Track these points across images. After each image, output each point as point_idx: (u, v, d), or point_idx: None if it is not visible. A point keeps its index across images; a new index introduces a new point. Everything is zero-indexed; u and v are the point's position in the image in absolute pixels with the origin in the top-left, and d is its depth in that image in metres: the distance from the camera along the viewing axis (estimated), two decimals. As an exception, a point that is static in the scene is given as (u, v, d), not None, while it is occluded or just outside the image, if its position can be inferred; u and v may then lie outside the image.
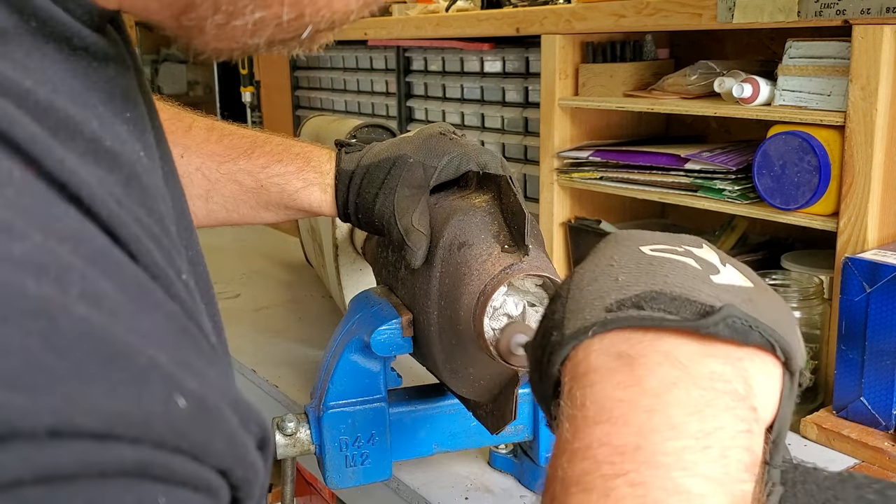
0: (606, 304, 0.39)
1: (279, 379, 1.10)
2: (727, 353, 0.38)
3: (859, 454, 0.88)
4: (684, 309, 0.38)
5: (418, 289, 0.74)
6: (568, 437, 0.37)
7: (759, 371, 0.39)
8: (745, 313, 0.38)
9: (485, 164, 0.77)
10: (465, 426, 0.84)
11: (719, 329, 0.37)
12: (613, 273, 0.41)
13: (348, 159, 0.80)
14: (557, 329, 0.41)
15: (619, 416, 0.36)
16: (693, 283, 0.40)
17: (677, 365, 0.37)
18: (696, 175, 1.09)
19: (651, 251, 0.43)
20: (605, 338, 0.39)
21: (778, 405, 0.39)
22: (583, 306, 0.40)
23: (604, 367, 0.38)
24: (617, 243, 0.44)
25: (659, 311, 0.38)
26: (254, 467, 0.31)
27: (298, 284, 1.49)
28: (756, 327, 0.38)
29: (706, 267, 0.42)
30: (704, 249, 0.44)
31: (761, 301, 0.41)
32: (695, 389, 0.36)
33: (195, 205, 0.83)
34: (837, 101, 0.94)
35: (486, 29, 1.36)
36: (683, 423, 0.35)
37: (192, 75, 2.52)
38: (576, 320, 0.40)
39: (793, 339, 0.40)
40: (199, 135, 0.82)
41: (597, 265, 0.43)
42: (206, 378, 0.29)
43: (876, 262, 0.86)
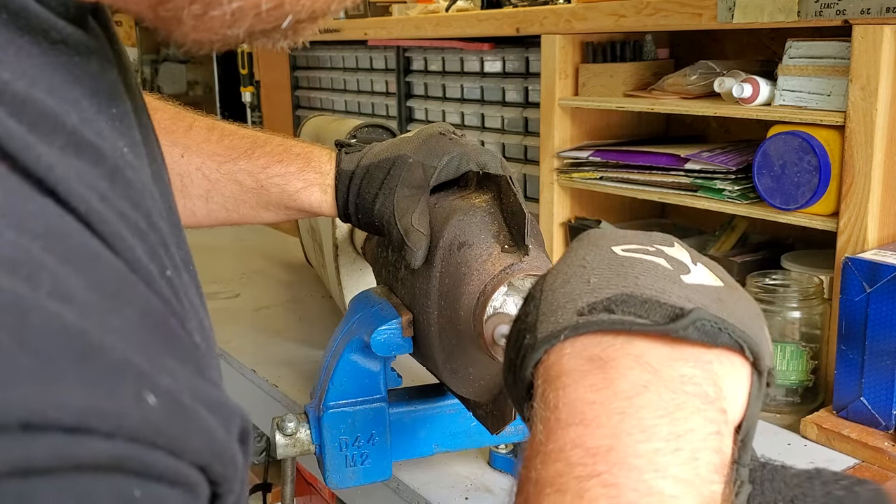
0: (578, 308, 0.40)
1: (279, 379, 1.10)
2: (697, 355, 0.39)
3: (859, 454, 0.88)
4: (654, 312, 0.39)
5: (418, 289, 0.74)
6: (541, 438, 0.38)
7: (728, 372, 0.39)
8: (714, 315, 0.39)
9: (485, 164, 0.77)
10: (465, 426, 0.84)
11: (689, 332, 0.38)
12: (585, 275, 0.42)
13: (348, 159, 0.80)
14: (530, 332, 0.41)
15: (592, 418, 0.37)
16: (664, 284, 0.41)
17: (648, 368, 0.38)
18: (696, 175, 1.09)
19: (623, 251, 0.43)
20: (576, 341, 0.39)
21: (746, 405, 0.40)
22: (555, 309, 0.41)
23: (576, 370, 0.39)
24: (589, 243, 0.45)
25: (629, 315, 0.39)
26: (234, 462, 0.31)
27: (298, 284, 1.49)
28: (725, 329, 0.39)
29: (677, 266, 0.43)
30: (676, 248, 0.45)
31: (730, 300, 0.41)
32: (666, 392, 0.37)
33: (195, 204, 0.83)
34: (837, 101, 0.94)
35: (486, 29, 1.36)
36: (655, 425, 0.36)
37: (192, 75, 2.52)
38: (548, 323, 0.40)
39: (761, 338, 0.41)
40: (199, 135, 0.82)
41: (569, 266, 0.43)
42: (177, 376, 0.29)
43: (876, 262, 0.86)
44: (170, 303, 0.34)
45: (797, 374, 0.98)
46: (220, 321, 1.32)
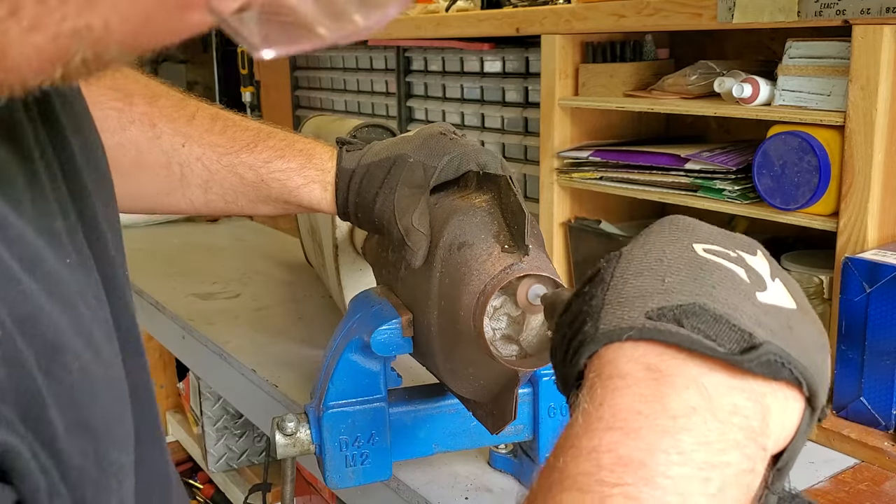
0: (648, 308, 0.39)
1: (279, 379, 1.10)
2: (753, 387, 0.38)
3: (859, 454, 0.88)
4: (724, 335, 0.38)
5: (418, 289, 0.74)
6: (579, 431, 0.37)
7: (781, 406, 0.39)
8: (781, 349, 0.38)
9: (485, 164, 0.77)
10: (465, 426, 0.84)
11: (752, 366, 0.38)
12: (661, 271, 0.41)
13: (349, 158, 0.80)
14: (592, 318, 0.40)
15: (634, 428, 0.36)
16: (738, 300, 0.40)
17: (702, 392, 0.37)
18: (696, 175, 1.09)
19: (704, 251, 0.42)
20: (638, 346, 0.39)
21: (793, 437, 0.40)
22: (623, 301, 0.40)
23: (631, 376, 0.38)
24: (671, 234, 0.43)
25: (698, 332, 0.38)
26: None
27: (298, 284, 1.49)
28: (789, 364, 0.38)
29: (755, 280, 0.42)
30: (758, 257, 0.44)
31: (800, 329, 0.41)
32: (712, 420, 0.36)
33: (194, 193, 0.82)
34: (837, 101, 0.94)
35: (486, 29, 1.36)
36: (692, 450, 0.36)
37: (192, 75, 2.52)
38: (613, 317, 0.39)
39: (821, 372, 0.40)
40: (201, 125, 0.82)
41: (646, 255, 0.42)
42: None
43: (876, 262, 0.86)
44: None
45: (797, 374, 0.98)
46: (220, 321, 1.32)
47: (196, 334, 1.30)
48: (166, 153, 0.80)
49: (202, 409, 1.80)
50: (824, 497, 0.82)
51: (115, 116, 0.79)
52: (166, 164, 0.80)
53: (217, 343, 1.23)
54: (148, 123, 0.80)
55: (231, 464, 1.87)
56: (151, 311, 1.46)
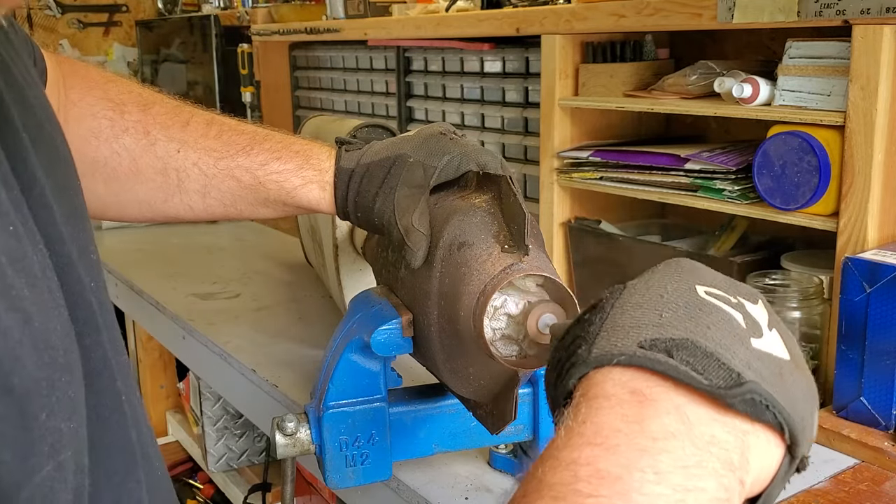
0: (641, 338, 0.40)
1: (279, 379, 1.10)
2: (735, 423, 0.39)
3: (859, 454, 0.88)
4: (712, 371, 0.39)
5: (418, 289, 0.74)
6: (559, 444, 0.38)
7: (761, 448, 0.40)
8: (767, 392, 0.39)
9: (485, 164, 0.77)
10: (465, 426, 0.84)
11: (736, 402, 0.38)
12: (660, 306, 0.42)
13: (348, 157, 0.80)
14: (587, 343, 0.42)
15: (613, 444, 0.37)
16: (731, 342, 0.41)
17: (683, 419, 0.38)
18: (696, 175, 1.09)
19: (705, 293, 0.43)
20: (626, 371, 0.40)
21: (770, 482, 0.41)
22: (619, 329, 0.41)
23: (615, 397, 0.39)
24: (675, 274, 0.45)
25: (687, 365, 0.39)
26: None
27: (298, 284, 1.49)
28: (773, 407, 0.39)
29: (751, 326, 0.43)
30: (758, 307, 0.45)
31: (790, 378, 0.42)
32: (690, 446, 0.37)
33: (192, 199, 0.82)
34: (837, 101, 0.94)
35: (486, 29, 1.36)
36: (669, 472, 0.36)
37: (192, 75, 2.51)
38: (607, 343, 0.41)
39: (806, 424, 0.41)
40: (196, 130, 0.82)
41: (648, 290, 0.43)
42: None
43: (876, 262, 0.86)
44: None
45: (797, 374, 0.98)
46: (221, 321, 1.32)
47: (196, 334, 1.30)
48: (162, 160, 0.81)
49: (202, 409, 1.80)
50: (824, 497, 0.82)
51: (108, 125, 0.80)
52: (162, 171, 0.81)
53: (217, 343, 1.23)
54: (142, 131, 0.80)
55: (231, 464, 1.87)
56: (151, 311, 1.47)
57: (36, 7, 3.10)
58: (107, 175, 0.81)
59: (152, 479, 0.50)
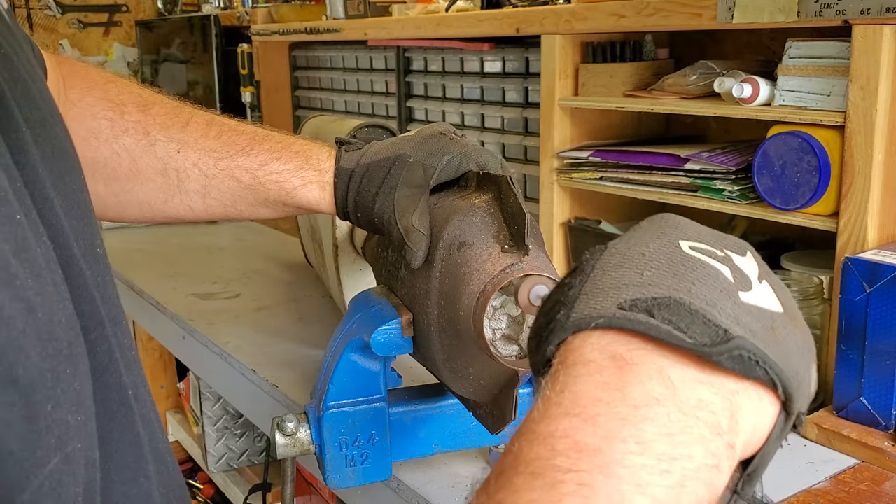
0: (621, 299, 0.38)
1: (279, 379, 1.10)
2: (723, 383, 0.37)
3: (859, 454, 0.88)
4: (696, 328, 0.37)
5: (418, 289, 0.74)
6: (536, 417, 0.37)
7: (753, 407, 0.38)
8: (756, 346, 0.37)
9: (485, 164, 0.77)
10: (465, 426, 0.84)
11: (722, 359, 0.36)
12: (641, 264, 0.40)
13: (348, 157, 0.80)
14: (566, 307, 0.40)
15: (592, 415, 0.35)
16: (717, 297, 0.39)
17: (667, 383, 0.36)
18: (696, 175, 1.09)
19: (689, 248, 0.41)
20: (606, 334, 0.38)
21: (765, 441, 0.39)
22: (598, 291, 0.39)
23: (594, 363, 0.37)
24: (658, 229, 0.43)
25: (669, 325, 0.37)
26: None
27: (298, 284, 1.49)
28: (763, 363, 0.37)
29: (739, 280, 0.41)
30: (747, 258, 0.43)
31: (783, 332, 0.40)
32: (675, 412, 0.35)
33: (192, 199, 0.83)
34: (837, 101, 0.94)
35: (486, 29, 1.36)
36: (652, 440, 0.35)
37: (192, 75, 2.51)
38: (586, 306, 0.39)
39: (802, 379, 0.39)
40: (196, 130, 0.82)
41: (629, 248, 0.41)
42: None
43: (876, 262, 0.86)
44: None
45: (797, 374, 0.98)
46: (221, 321, 1.32)
47: (196, 334, 1.30)
48: (161, 160, 0.81)
49: (202, 409, 1.80)
50: (824, 497, 0.82)
51: (108, 126, 0.80)
52: (162, 171, 0.81)
53: (217, 343, 1.23)
54: (142, 132, 0.81)
55: (231, 464, 1.87)
56: (151, 311, 1.47)
57: (36, 7, 3.10)
58: (107, 176, 0.81)
59: (163, 476, 0.50)
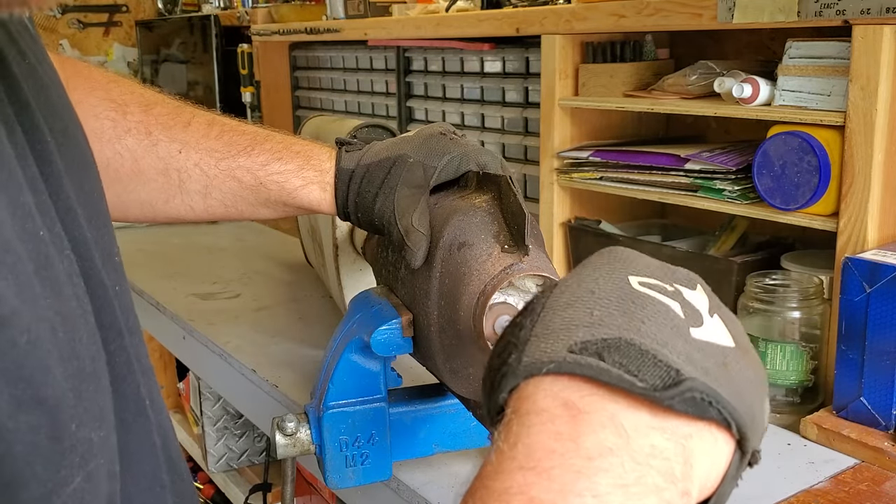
0: (572, 342, 0.38)
1: (279, 379, 1.10)
2: (676, 427, 0.37)
3: (859, 454, 0.88)
4: (647, 370, 0.37)
5: (418, 289, 0.74)
6: (490, 471, 0.36)
7: (707, 449, 0.37)
8: (708, 387, 0.37)
9: (485, 164, 0.77)
10: (465, 426, 0.84)
11: (674, 403, 0.36)
12: (591, 303, 0.39)
13: (348, 158, 0.80)
14: (517, 351, 0.39)
15: (546, 468, 0.35)
16: (668, 335, 0.38)
17: (620, 431, 0.36)
18: (696, 175, 1.09)
19: (639, 285, 0.41)
20: (558, 380, 0.37)
21: (720, 481, 0.39)
22: (549, 333, 0.39)
23: (547, 412, 0.37)
24: (607, 265, 0.43)
25: (620, 367, 0.37)
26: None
27: (298, 284, 1.49)
28: (717, 403, 0.37)
29: (690, 315, 0.40)
30: (697, 292, 0.42)
31: (736, 367, 0.39)
32: (629, 462, 0.35)
33: (193, 200, 0.83)
34: (837, 101, 0.94)
35: (486, 29, 1.36)
36: (607, 493, 0.34)
37: (192, 75, 2.51)
38: (537, 349, 0.38)
39: (755, 415, 0.39)
40: (198, 130, 0.82)
41: (579, 285, 0.41)
42: None
43: (876, 262, 0.86)
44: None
45: (797, 374, 0.98)
46: (221, 321, 1.32)
47: (196, 334, 1.30)
48: (163, 160, 0.81)
49: (202, 409, 1.80)
50: (824, 497, 0.82)
51: (110, 126, 0.80)
52: (164, 171, 0.81)
53: (217, 343, 1.23)
54: (144, 132, 0.81)
55: (231, 464, 1.87)
56: (152, 311, 1.47)
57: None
58: (109, 176, 0.81)
59: (177, 484, 0.50)
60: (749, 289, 1.00)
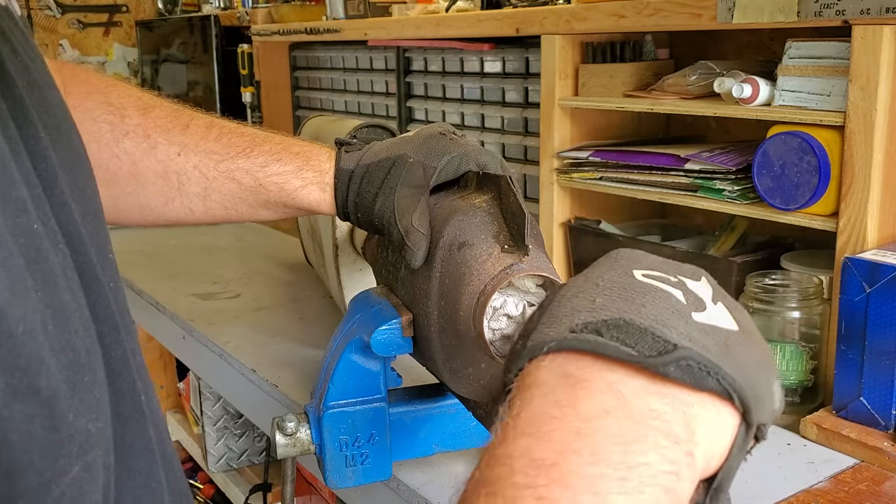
0: (573, 324, 0.40)
1: (279, 379, 1.10)
2: (676, 394, 0.38)
3: (859, 454, 0.88)
4: (644, 343, 0.38)
5: (418, 289, 0.74)
6: (495, 441, 0.38)
7: (710, 419, 0.38)
8: (705, 357, 0.38)
9: (484, 164, 0.77)
10: (465, 426, 0.84)
11: (669, 370, 0.37)
12: (595, 293, 0.42)
13: (348, 158, 0.80)
14: (524, 338, 0.41)
15: (546, 432, 0.36)
16: (669, 317, 0.40)
17: (618, 396, 0.37)
18: (696, 175, 1.09)
19: (642, 276, 0.43)
20: (558, 356, 0.39)
21: (727, 455, 0.39)
22: (553, 320, 0.41)
23: (547, 384, 0.38)
24: (613, 262, 0.45)
25: (617, 342, 0.38)
26: None
27: (298, 284, 1.49)
28: (715, 374, 0.38)
29: (692, 302, 0.42)
30: (701, 283, 0.44)
31: (739, 347, 0.40)
32: (628, 422, 0.36)
33: (193, 202, 0.83)
34: (837, 101, 0.94)
35: (486, 29, 1.36)
36: (606, 451, 0.35)
37: (192, 75, 2.51)
38: (541, 334, 0.40)
39: (761, 391, 0.40)
40: (196, 132, 0.82)
41: (585, 281, 0.43)
42: None
43: (876, 262, 0.86)
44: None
45: (797, 374, 0.98)
46: (221, 321, 1.32)
47: (196, 334, 1.30)
48: (162, 163, 0.81)
49: (202, 409, 1.80)
50: (824, 497, 0.82)
51: (108, 129, 0.80)
52: (163, 174, 0.81)
53: (217, 343, 1.23)
54: (142, 135, 0.81)
55: (231, 464, 1.87)
56: (151, 311, 1.47)
57: (36, 7, 3.10)
58: (107, 180, 0.81)
59: (172, 482, 0.50)
60: (749, 289, 1.00)
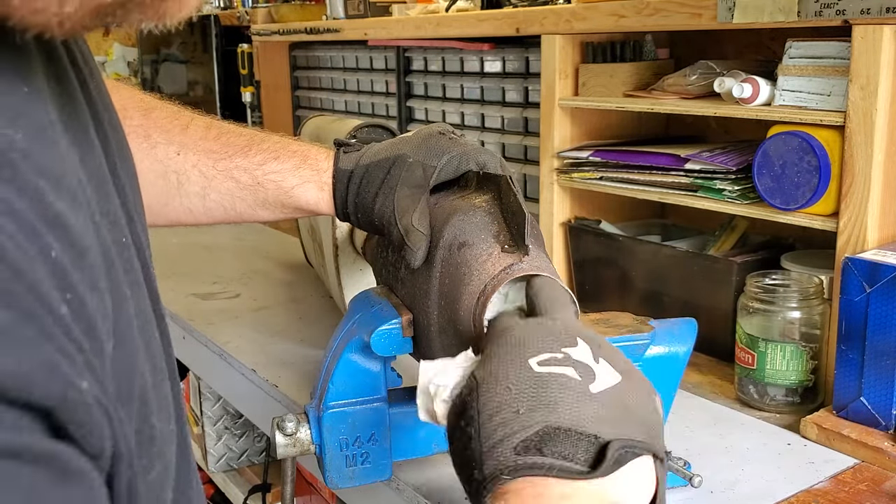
0: (514, 445, 0.47)
1: (279, 379, 1.10)
2: (614, 481, 0.46)
3: (859, 454, 0.88)
4: (578, 448, 0.46)
5: (418, 289, 0.74)
6: None
7: (639, 476, 0.47)
8: (629, 440, 0.47)
9: (484, 163, 0.77)
10: (465, 426, 0.84)
11: (611, 469, 0.46)
12: (514, 403, 0.49)
13: (347, 158, 0.80)
14: (477, 466, 0.48)
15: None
16: (578, 405, 0.48)
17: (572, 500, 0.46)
18: (696, 175, 1.09)
19: (539, 365, 0.50)
20: (515, 483, 0.47)
21: (656, 487, 0.48)
22: (494, 444, 0.48)
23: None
24: (510, 355, 0.51)
25: (558, 457, 0.46)
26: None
27: (298, 284, 1.49)
28: (633, 448, 0.47)
29: (584, 373, 0.49)
30: (579, 347, 0.51)
31: (632, 399, 0.49)
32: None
33: (192, 202, 0.83)
34: (837, 101, 0.94)
35: (486, 29, 1.36)
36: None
37: (192, 75, 2.51)
38: (491, 460, 0.48)
39: (657, 427, 0.49)
40: (196, 132, 0.82)
41: (497, 384, 0.50)
42: None
43: (876, 262, 0.86)
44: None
45: (797, 374, 0.98)
46: (221, 321, 1.32)
47: (196, 334, 1.30)
48: (162, 162, 0.81)
49: (202, 409, 1.80)
50: (824, 497, 0.82)
51: None
52: (163, 174, 0.81)
53: (217, 343, 1.23)
54: (143, 135, 0.81)
55: (231, 464, 1.87)
56: (151, 311, 1.46)
57: (36, 7, 3.09)
58: None
59: (196, 479, 0.51)
60: (749, 289, 1.00)
